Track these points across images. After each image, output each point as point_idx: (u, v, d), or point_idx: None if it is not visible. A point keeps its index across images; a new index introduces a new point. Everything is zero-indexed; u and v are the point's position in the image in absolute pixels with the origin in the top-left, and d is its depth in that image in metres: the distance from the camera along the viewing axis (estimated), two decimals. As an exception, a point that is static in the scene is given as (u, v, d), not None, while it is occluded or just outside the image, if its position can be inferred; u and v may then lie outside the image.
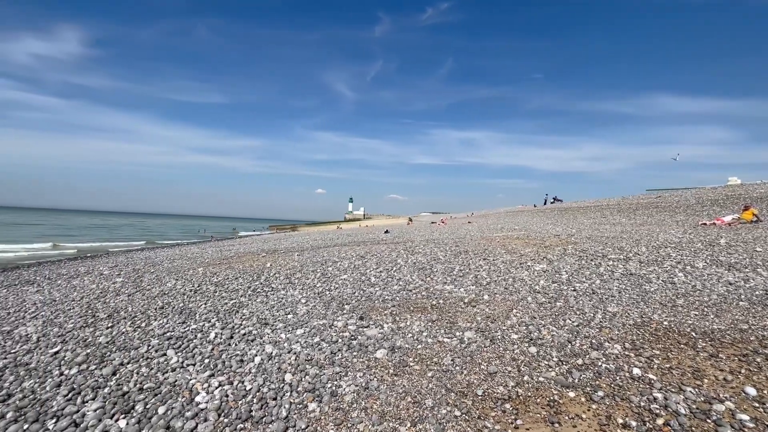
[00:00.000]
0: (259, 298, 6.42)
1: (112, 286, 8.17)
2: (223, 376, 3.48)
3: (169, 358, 3.93)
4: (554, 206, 34.16)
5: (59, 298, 7.14)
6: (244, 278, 8.27)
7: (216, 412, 2.88)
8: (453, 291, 6.10)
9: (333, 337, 4.34)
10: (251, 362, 3.79)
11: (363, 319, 4.93)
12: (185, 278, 8.78)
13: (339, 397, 3.06)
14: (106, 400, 3.10)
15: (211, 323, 5.08)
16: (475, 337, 4.14)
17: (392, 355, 3.81)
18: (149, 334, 4.71)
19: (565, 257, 8.09)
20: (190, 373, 3.60)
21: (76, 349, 4.27)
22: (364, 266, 8.70)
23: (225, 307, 5.87)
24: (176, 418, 2.82)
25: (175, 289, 7.46)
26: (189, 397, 3.13)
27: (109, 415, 2.89)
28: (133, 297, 6.95)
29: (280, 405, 2.96)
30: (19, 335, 4.86)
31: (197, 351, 4.11)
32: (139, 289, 7.66)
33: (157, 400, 3.10)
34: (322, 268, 8.84)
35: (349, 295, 6.23)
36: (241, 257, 12.81)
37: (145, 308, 6.01)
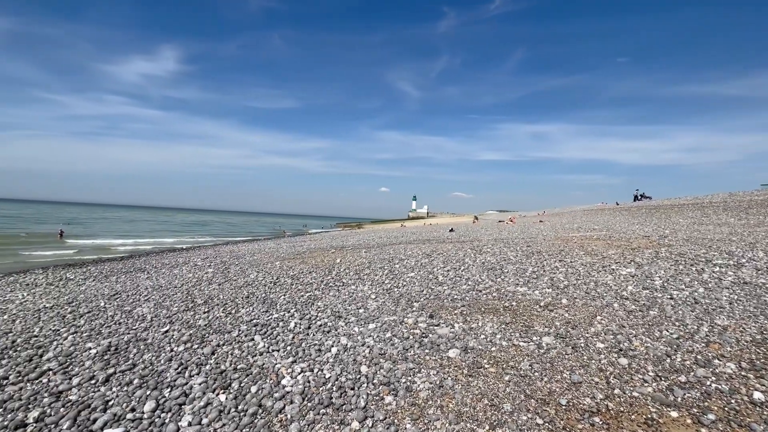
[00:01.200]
0: (332, 292, 6.73)
1: (205, 276, 9.17)
2: (304, 363, 3.73)
3: (257, 343, 4.31)
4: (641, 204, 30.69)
5: (164, 285, 8.21)
6: (317, 273, 8.74)
7: (300, 396, 3.10)
8: (527, 293, 5.82)
9: (404, 334, 4.40)
10: (328, 352, 4.00)
11: (433, 318, 4.92)
12: (265, 271, 9.53)
13: (414, 393, 3.10)
14: (208, 376, 3.51)
15: (290, 313, 5.46)
16: (554, 342, 3.90)
17: (465, 355, 3.75)
18: (239, 320, 5.21)
19: (658, 261, 7.24)
20: (275, 358, 3.91)
21: (181, 329, 4.89)
22: (430, 264, 8.68)
23: (302, 299, 6.27)
24: (266, 398, 3.10)
25: (257, 281, 8.14)
26: (276, 380, 3.41)
27: (211, 389, 3.27)
28: (222, 286, 7.73)
29: (358, 395, 3.10)
30: (137, 315, 5.70)
31: (280, 338, 4.46)
32: (227, 279, 8.50)
33: (249, 380, 3.43)
34: (390, 266, 8.99)
35: (417, 293, 6.26)
36: (312, 253, 13.55)
37: (233, 297, 6.66)
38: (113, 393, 3.24)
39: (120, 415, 2.91)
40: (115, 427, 2.75)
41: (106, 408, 3.01)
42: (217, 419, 2.84)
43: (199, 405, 3.02)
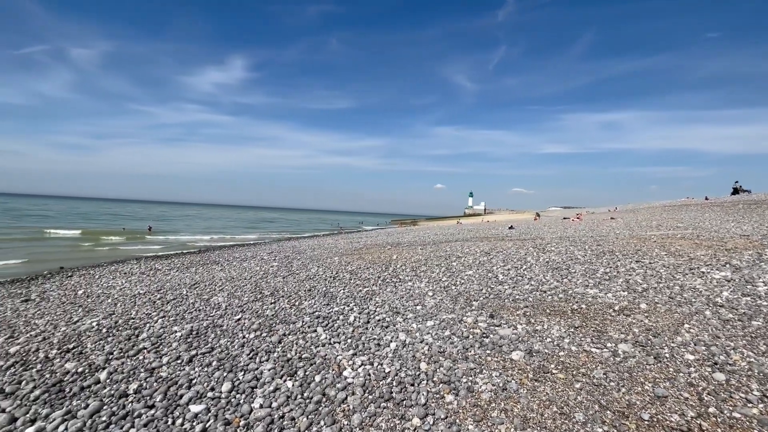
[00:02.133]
0: (389, 288, 6.80)
1: (271, 269, 9.76)
2: (364, 356, 3.81)
3: (319, 335, 4.49)
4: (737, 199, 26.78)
5: (236, 276, 8.89)
6: (374, 268, 8.88)
7: (362, 388, 3.16)
8: (598, 296, 5.37)
9: (464, 333, 4.30)
10: (387, 347, 4.04)
11: (494, 318, 4.75)
12: (325, 266, 9.90)
13: (476, 394, 3.02)
14: (276, 363, 3.73)
15: (349, 307, 5.61)
16: (632, 351, 3.56)
17: (530, 358, 3.56)
18: (302, 312, 5.47)
19: (761, 264, 6.27)
20: (337, 349, 4.04)
21: (251, 318, 5.26)
22: (489, 263, 8.38)
23: (360, 294, 6.41)
24: (330, 387, 3.21)
25: (318, 275, 8.49)
26: (338, 371, 3.52)
27: (279, 376, 3.47)
28: (286, 279, 8.17)
29: (418, 392, 3.09)
30: (213, 303, 6.24)
31: (341, 331, 4.60)
32: (290, 273, 8.97)
33: (313, 369, 3.58)
34: (446, 263, 8.85)
35: (476, 292, 6.09)
36: (369, 249, 13.80)
37: (296, 290, 7.01)
38: (196, 373, 3.58)
39: (202, 393, 3.20)
40: (198, 404, 3.04)
41: (190, 386, 3.33)
42: (285, 404, 3.01)
43: (268, 389, 3.22)
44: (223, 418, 2.84)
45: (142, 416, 2.89)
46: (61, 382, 3.46)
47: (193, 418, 2.85)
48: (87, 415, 2.89)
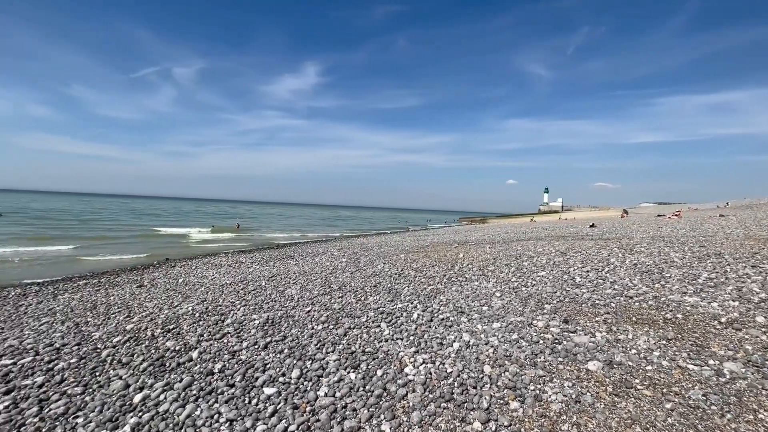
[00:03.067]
0: (454, 287, 6.65)
1: (339, 265, 10.19)
2: (426, 355, 3.78)
3: (383, 330, 4.57)
4: None
5: (308, 271, 9.45)
6: (439, 267, 8.77)
7: (422, 386, 3.15)
8: (699, 304, 4.65)
9: (533, 337, 4.04)
10: (450, 347, 3.96)
11: (568, 323, 4.38)
12: (391, 263, 10.04)
13: (544, 404, 2.81)
14: (341, 355, 3.88)
15: (413, 305, 5.61)
16: (742, 371, 3.01)
17: (609, 370, 3.22)
18: (367, 307, 5.62)
19: None
20: (399, 346, 4.07)
21: (320, 310, 5.54)
22: (566, 263, 7.75)
23: (424, 292, 6.37)
24: (391, 383, 3.25)
25: (383, 271, 8.64)
26: (399, 367, 3.54)
27: (343, 367, 3.61)
28: (354, 275, 8.46)
29: (480, 395, 2.97)
30: (287, 295, 6.71)
31: (404, 328, 4.62)
32: (357, 269, 9.27)
33: (375, 363, 3.66)
34: (517, 263, 8.38)
35: (549, 294, 5.67)
36: (435, 247, 13.65)
37: (363, 285, 7.21)
38: (270, 358, 3.88)
39: (274, 377, 3.46)
40: (271, 387, 3.29)
41: (265, 370, 3.63)
42: (348, 395, 3.12)
43: (333, 379, 3.37)
44: (292, 402, 3.04)
45: (224, 393, 3.22)
46: (163, 357, 4.01)
47: (266, 400, 3.09)
48: (181, 388, 3.30)
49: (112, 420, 2.88)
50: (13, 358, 4.05)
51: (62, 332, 4.95)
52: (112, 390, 3.32)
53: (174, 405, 3.04)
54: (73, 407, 3.08)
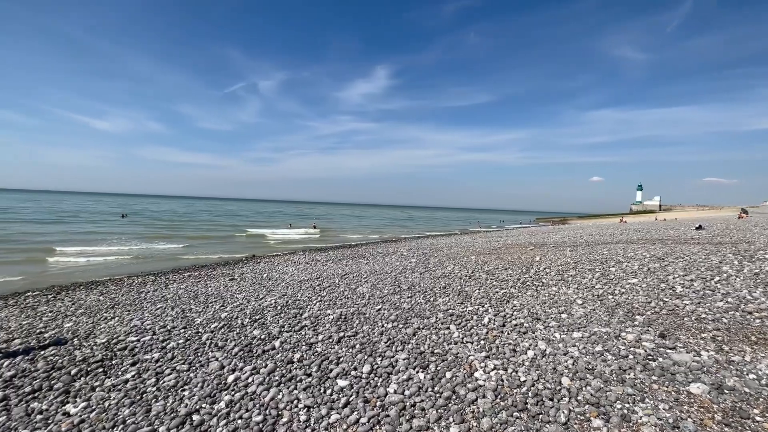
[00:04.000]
0: (529, 292, 6.31)
1: (409, 265, 10.28)
2: (497, 360, 3.66)
3: (452, 332, 4.52)
4: None
5: (378, 270, 9.70)
6: (512, 269, 8.37)
7: (493, 393, 3.06)
8: None
9: (621, 351, 3.66)
10: (524, 354, 3.78)
11: (665, 338, 3.88)
12: (461, 264, 9.84)
13: (634, 425, 2.54)
14: (410, 354, 3.94)
15: (484, 308, 5.45)
16: None
17: (719, 395, 2.79)
18: (436, 308, 5.60)
19: None
20: (469, 349, 4.00)
21: (390, 309, 5.67)
22: (663, 270, 6.85)
23: (496, 296, 6.15)
24: (460, 386, 3.21)
25: (453, 273, 8.51)
26: (469, 371, 3.48)
27: (412, 366, 3.66)
28: (423, 275, 8.47)
29: (557, 408, 2.79)
30: (359, 293, 6.97)
31: (474, 331, 4.52)
32: (427, 269, 9.26)
33: (444, 365, 3.64)
34: (602, 268, 7.64)
35: (641, 304, 5.08)
36: (508, 248, 13.04)
37: (432, 286, 7.20)
38: (343, 352, 4.09)
39: (347, 370, 3.65)
40: (344, 379, 3.47)
41: (338, 363, 3.84)
42: (416, 394, 3.16)
43: (402, 377, 3.44)
44: (363, 396, 3.17)
45: (302, 381, 3.48)
46: (251, 344, 4.46)
47: (340, 391, 3.27)
48: (266, 373, 3.65)
49: (210, 395, 3.30)
50: (137, 336, 4.85)
51: (172, 317, 5.78)
52: (211, 369, 3.80)
53: (260, 388, 3.37)
54: (181, 381, 3.59)
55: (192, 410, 3.08)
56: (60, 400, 3.31)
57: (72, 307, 6.78)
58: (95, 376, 3.74)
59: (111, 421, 2.96)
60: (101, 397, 3.33)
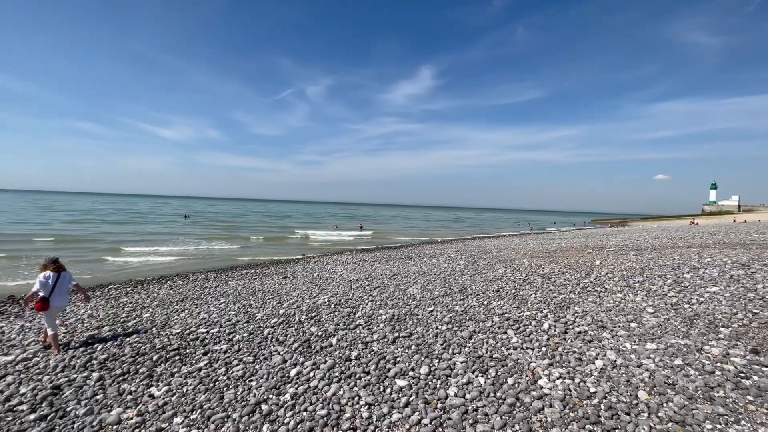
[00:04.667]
0: (590, 298, 5.94)
1: (458, 267, 10.10)
2: (562, 369, 3.48)
3: (510, 337, 4.38)
4: None
5: (426, 271, 9.64)
6: (570, 274, 7.93)
7: (561, 403, 2.91)
8: None
9: (705, 366, 3.33)
10: (591, 364, 3.57)
11: (759, 354, 3.47)
12: (513, 267, 9.50)
13: (729, 448, 2.30)
14: (468, 358, 3.87)
15: (543, 314, 5.22)
16: None
17: (834, 422, 2.44)
18: (491, 312, 5.45)
19: None
20: (529, 356, 3.85)
21: (443, 311, 5.61)
22: (750, 278, 6.13)
23: (554, 301, 5.86)
24: (524, 393, 3.10)
25: (505, 276, 8.24)
26: (532, 378, 3.35)
27: (471, 370, 3.59)
28: (473, 278, 8.29)
29: (636, 424, 2.60)
30: (409, 294, 6.97)
31: (534, 337, 4.34)
32: (477, 272, 9.05)
33: (504, 371, 3.53)
34: (674, 274, 7.00)
35: (725, 315, 4.59)
36: (563, 252, 12.38)
37: (484, 289, 7.02)
38: (399, 352, 4.11)
39: (404, 370, 3.66)
40: (402, 379, 3.49)
41: (395, 362, 3.86)
42: (478, 398, 3.09)
43: (462, 381, 3.38)
44: (423, 397, 3.17)
45: (361, 379, 3.54)
46: (309, 340, 4.63)
47: (399, 390, 3.29)
48: (326, 369, 3.77)
49: (276, 387, 3.47)
50: (206, 328, 5.22)
51: (235, 311, 6.15)
52: (274, 363, 3.99)
53: (321, 383, 3.48)
54: (248, 372, 3.80)
55: (260, 400, 3.25)
56: (145, 383, 3.64)
57: (147, 299, 7.45)
58: (173, 363, 4.08)
59: (190, 405, 3.21)
60: (179, 382, 3.63)
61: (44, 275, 4.41)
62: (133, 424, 2.96)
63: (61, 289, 4.49)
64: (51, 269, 4.48)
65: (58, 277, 4.48)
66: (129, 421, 3.00)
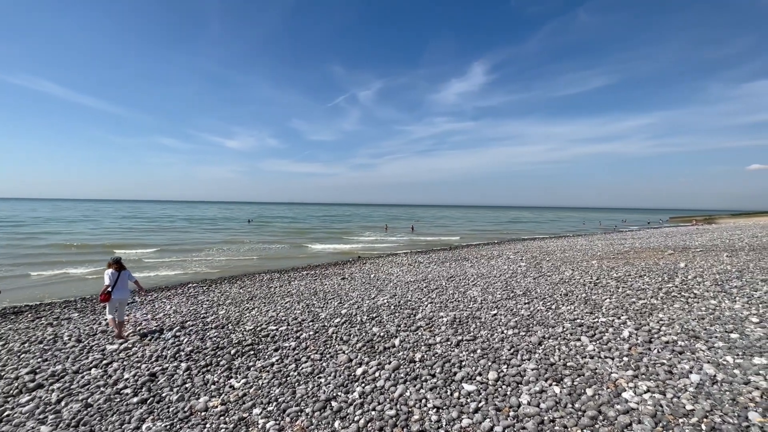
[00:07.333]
0: (677, 304, 5.35)
1: (519, 269, 9.66)
2: (650, 382, 3.17)
3: (585, 345, 4.08)
4: None
5: (485, 273, 9.34)
6: (650, 277, 7.21)
7: (652, 419, 2.65)
8: None
9: (836, 387, 2.83)
10: (685, 378, 3.20)
11: None
12: (581, 269, 8.87)
13: None
14: (539, 365, 3.67)
15: (621, 320, 4.80)
16: None
17: None
18: (560, 317, 5.13)
19: None
20: (609, 366, 3.55)
21: (507, 315, 5.40)
22: None
23: (633, 306, 5.36)
24: (606, 406, 2.87)
25: (573, 279, 7.71)
26: (615, 390, 3.09)
27: (543, 378, 3.40)
28: (537, 281, 7.87)
29: (749, 449, 2.28)
30: (469, 296, 6.80)
31: (612, 346, 4.01)
32: (541, 274, 8.58)
33: (582, 381, 3.30)
34: (784, 279, 6.06)
35: None
36: (639, 253, 11.32)
37: (550, 292, 6.63)
38: (464, 356, 4.02)
39: (471, 375, 3.57)
40: (469, 384, 3.40)
41: (461, 366, 3.78)
42: (554, 408, 2.92)
43: (534, 389, 3.22)
44: (494, 403, 3.06)
45: (427, 381, 3.52)
46: (372, 340, 4.70)
47: (467, 396, 3.22)
48: (391, 369, 3.80)
49: (344, 385, 3.57)
50: (275, 326, 5.53)
51: (300, 310, 6.45)
52: (340, 361, 4.11)
53: (388, 383, 3.52)
54: (317, 370, 3.96)
55: (330, 397, 3.36)
56: (226, 375, 3.95)
57: (221, 297, 8.08)
58: (248, 358, 4.37)
59: (266, 397, 3.42)
60: (255, 376, 3.88)
61: (108, 273, 5.23)
62: (219, 412, 3.22)
63: (122, 284, 5.29)
64: (114, 268, 5.27)
65: (119, 275, 5.26)
66: (215, 409, 3.27)
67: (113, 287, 5.15)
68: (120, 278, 5.24)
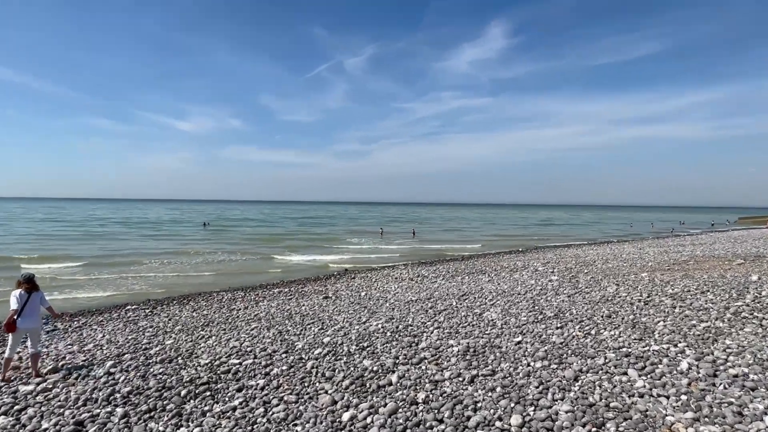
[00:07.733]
0: (748, 327, 5.44)
1: (550, 284, 9.74)
2: (715, 427, 3.21)
3: (632, 380, 4.12)
4: None
5: (507, 290, 9.40)
6: (714, 293, 7.31)
7: (717, 474, 2.68)
8: None
9: None
10: (759, 421, 3.25)
11: None
12: (627, 284, 8.97)
13: None
14: (575, 405, 3.70)
15: (678, 348, 4.86)
16: None
17: None
18: (602, 345, 5.18)
19: None
20: (664, 406, 3.59)
21: (534, 343, 5.44)
22: None
23: (694, 331, 5.43)
24: (660, 458, 2.90)
25: (618, 296, 7.80)
26: (670, 438, 3.12)
27: (580, 423, 3.43)
28: (573, 299, 7.94)
29: None
30: (486, 319, 6.85)
31: (667, 381, 4.05)
32: (577, 291, 8.65)
33: (629, 425, 3.33)
34: None
35: None
36: (700, 262, 11.47)
37: (590, 314, 6.69)
38: (479, 395, 4.05)
39: (489, 420, 3.59)
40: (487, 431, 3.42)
41: (476, 409, 3.80)
42: (594, 462, 2.94)
43: (574, 437, 3.24)
44: (517, 456, 3.08)
45: (433, 428, 3.53)
46: (362, 377, 4.71)
47: (484, 446, 3.23)
48: (387, 413, 3.81)
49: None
50: (238, 359, 5.53)
51: (270, 338, 6.45)
52: (322, 404, 4.11)
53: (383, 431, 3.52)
54: (291, 415, 3.95)
55: (308, 450, 3.36)
56: (174, 423, 3.93)
57: (169, 323, 8.05)
58: (203, 400, 4.36)
59: (226, 452, 3.41)
60: (212, 424, 3.86)
61: (16, 294, 5.08)
62: (165, 472, 3.21)
63: (32, 309, 5.15)
64: (24, 288, 5.13)
65: (29, 297, 5.12)
66: (160, 468, 3.26)
67: (20, 313, 5.03)
68: (30, 301, 5.14)
